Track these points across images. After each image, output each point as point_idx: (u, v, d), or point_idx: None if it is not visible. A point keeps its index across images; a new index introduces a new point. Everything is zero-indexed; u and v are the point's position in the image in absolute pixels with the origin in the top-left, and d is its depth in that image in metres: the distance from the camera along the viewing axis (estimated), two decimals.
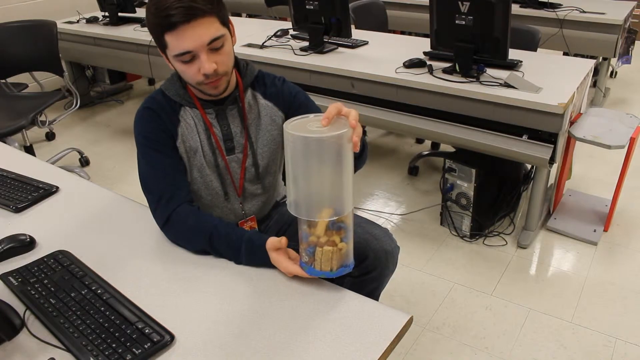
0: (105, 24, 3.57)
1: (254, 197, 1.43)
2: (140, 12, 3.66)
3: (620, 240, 2.39)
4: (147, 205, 1.37)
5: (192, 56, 1.14)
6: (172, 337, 0.94)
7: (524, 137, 2.12)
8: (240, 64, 1.33)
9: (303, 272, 1.05)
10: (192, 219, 1.19)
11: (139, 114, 1.28)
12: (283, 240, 1.10)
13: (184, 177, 1.28)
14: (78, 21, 3.72)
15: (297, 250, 1.08)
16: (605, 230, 2.45)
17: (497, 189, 2.46)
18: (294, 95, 1.37)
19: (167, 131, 1.27)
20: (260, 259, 1.12)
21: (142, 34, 3.24)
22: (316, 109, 1.37)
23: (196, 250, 1.19)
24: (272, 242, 1.10)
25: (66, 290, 1.04)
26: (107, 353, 0.89)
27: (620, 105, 3.91)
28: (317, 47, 2.69)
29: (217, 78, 1.19)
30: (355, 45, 2.78)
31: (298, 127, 0.93)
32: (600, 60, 3.67)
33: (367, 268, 1.33)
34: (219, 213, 1.40)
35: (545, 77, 2.19)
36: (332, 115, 0.94)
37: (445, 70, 2.31)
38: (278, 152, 1.41)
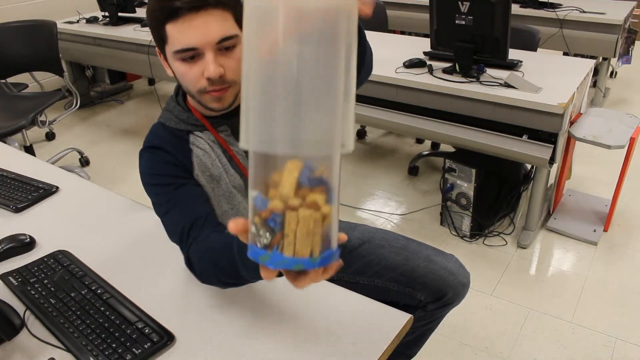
0: (105, 24, 3.57)
1: None
2: (141, 12, 3.66)
3: (620, 240, 2.39)
4: (147, 205, 1.37)
5: (196, 54, 0.95)
6: (172, 337, 0.94)
7: (524, 137, 2.11)
8: None
9: (263, 269, 0.61)
10: (198, 254, 0.95)
11: (142, 157, 1.08)
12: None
13: (203, 203, 1.04)
14: (78, 21, 3.72)
15: None
16: (605, 230, 2.45)
17: (497, 189, 2.46)
18: None
19: (180, 165, 1.06)
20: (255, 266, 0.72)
21: (142, 34, 3.24)
22: None
23: (224, 284, 0.94)
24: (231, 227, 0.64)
25: (66, 290, 1.04)
26: (107, 353, 0.89)
27: (620, 105, 3.91)
28: None
29: (223, 87, 0.98)
30: None
31: None
32: (600, 60, 3.67)
33: (445, 302, 1.29)
34: None
35: (545, 77, 2.19)
36: None
37: (445, 70, 2.31)
38: None
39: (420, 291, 1.29)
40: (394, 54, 2.58)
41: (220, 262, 0.87)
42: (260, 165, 0.56)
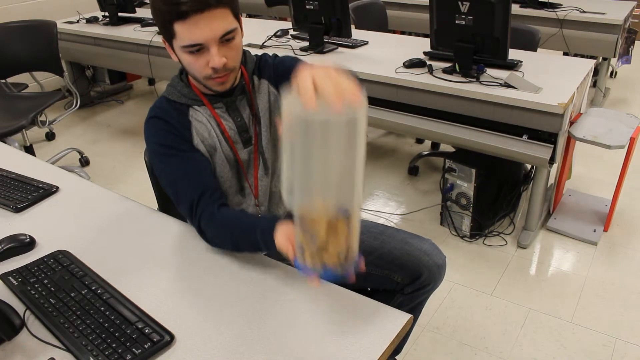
0: (105, 24, 3.57)
1: (272, 198, 1.33)
2: (140, 12, 3.66)
3: (620, 240, 2.39)
4: (147, 205, 1.37)
5: (201, 48, 1.08)
6: (172, 337, 0.94)
7: (524, 137, 2.11)
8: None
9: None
10: (213, 226, 1.13)
11: (146, 125, 1.22)
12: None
13: (209, 174, 1.19)
14: (78, 21, 3.72)
15: None
16: (605, 230, 2.45)
17: (497, 189, 2.46)
18: (278, 63, 1.29)
19: (181, 135, 1.19)
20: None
21: (142, 34, 3.24)
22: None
23: (238, 252, 1.16)
24: (281, 244, 0.97)
25: (66, 290, 1.04)
26: (107, 353, 0.89)
27: (620, 105, 3.91)
28: (317, 47, 2.69)
29: (226, 73, 1.13)
30: (355, 45, 2.78)
31: (296, 103, 0.74)
32: (600, 60, 3.67)
33: (422, 284, 1.34)
34: None
35: (545, 77, 2.19)
36: (310, 93, 0.74)
37: (445, 70, 2.31)
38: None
39: (397, 272, 1.34)
40: (394, 54, 2.58)
41: (241, 242, 1.09)
42: (304, 220, 0.82)
